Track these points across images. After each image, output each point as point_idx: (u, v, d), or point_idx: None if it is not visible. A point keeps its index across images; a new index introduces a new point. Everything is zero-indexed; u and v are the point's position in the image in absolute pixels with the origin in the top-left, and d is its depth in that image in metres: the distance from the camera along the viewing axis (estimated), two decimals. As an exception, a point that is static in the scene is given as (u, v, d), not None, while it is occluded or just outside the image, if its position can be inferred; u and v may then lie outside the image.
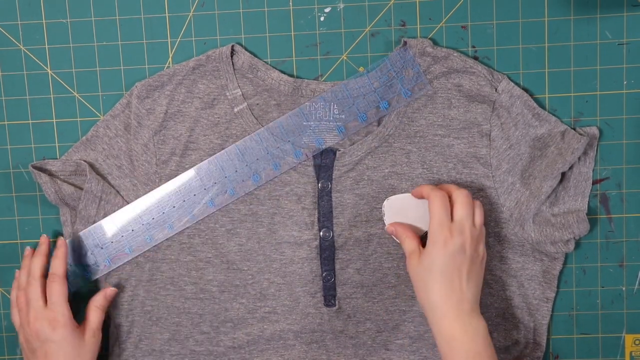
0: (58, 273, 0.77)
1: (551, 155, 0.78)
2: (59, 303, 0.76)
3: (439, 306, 0.72)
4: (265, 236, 0.81)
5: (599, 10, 0.79)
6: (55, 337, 0.75)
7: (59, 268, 0.78)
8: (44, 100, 0.82)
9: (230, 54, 0.80)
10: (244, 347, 0.82)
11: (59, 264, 0.78)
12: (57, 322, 0.75)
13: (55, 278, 0.77)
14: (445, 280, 0.72)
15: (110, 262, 0.81)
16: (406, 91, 0.79)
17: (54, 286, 0.77)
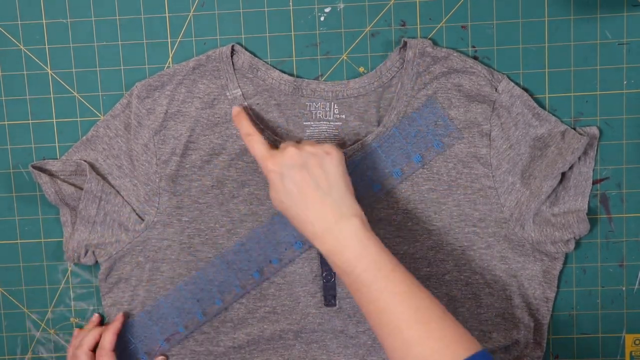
0: (106, 348, 0.79)
1: (551, 155, 0.78)
2: None
3: (305, 227, 0.70)
4: (265, 236, 0.81)
5: (599, 10, 0.79)
6: None
7: (107, 343, 0.79)
8: (44, 100, 0.82)
9: (230, 54, 0.80)
10: (244, 347, 0.82)
11: (109, 339, 0.79)
12: None
13: (103, 353, 0.78)
14: (296, 203, 0.70)
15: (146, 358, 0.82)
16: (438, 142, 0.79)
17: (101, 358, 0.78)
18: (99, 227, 0.81)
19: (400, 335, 0.65)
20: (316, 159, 0.71)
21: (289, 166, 0.70)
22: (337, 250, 0.68)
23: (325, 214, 0.69)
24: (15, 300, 0.86)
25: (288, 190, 0.70)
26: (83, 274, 0.85)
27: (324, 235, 0.69)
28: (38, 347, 0.86)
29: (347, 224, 0.69)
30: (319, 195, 0.70)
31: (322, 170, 0.71)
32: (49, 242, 0.85)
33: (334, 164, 0.71)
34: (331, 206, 0.69)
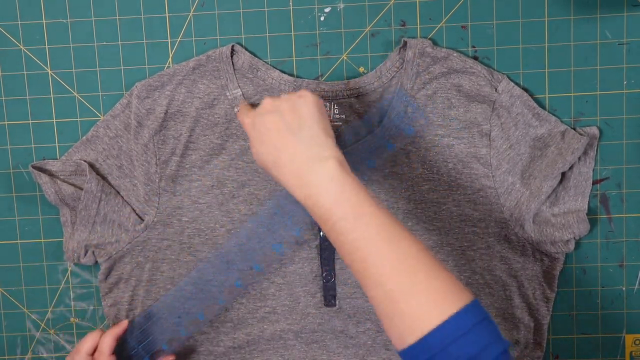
0: (104, 352, 0.77)
1: (551, 155, 0.78)
2: None
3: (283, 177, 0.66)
4: (265, 236, 0.81)
5: (599, 10, 0.79)
6: None
7: (105, 348, 0.78)
8: (44, 100, 0.82)
9: (230, 54, 0.80)
10: (244, 347, 0.82)
11: (107, 344, 0.78)
12: None
13: (101, 357, 0.77)
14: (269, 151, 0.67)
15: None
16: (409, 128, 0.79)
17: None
18: (99, 227, 0.81)
19: (384, 288, 0.60)
20: (288, 103, 0.68)
21: (262, 114, 0.68)
22: (312, 196, 0.64)
23: (298, 157, 0.65)
24: (15, 300, 0.86)
25: (261, 137, 0.67)
26: (83, 274, 0.85)
27: (298, 180, 0.65)
28: (38, 347, 0.86)
29: (322, 167, 0.64)
30: (291, 138, 0.66)
31: (294, 113, 0.67)
32: (49, 242, 0.85)
33: (307, 106, 0.67)
34: (304, 148, 0.65)
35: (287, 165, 0.66)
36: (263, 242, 0.81)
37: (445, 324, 0.58)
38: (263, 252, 0.80)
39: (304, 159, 0.65)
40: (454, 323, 0.58)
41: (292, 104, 0.68)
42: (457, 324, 0.58)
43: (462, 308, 0.59)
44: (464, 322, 0.58)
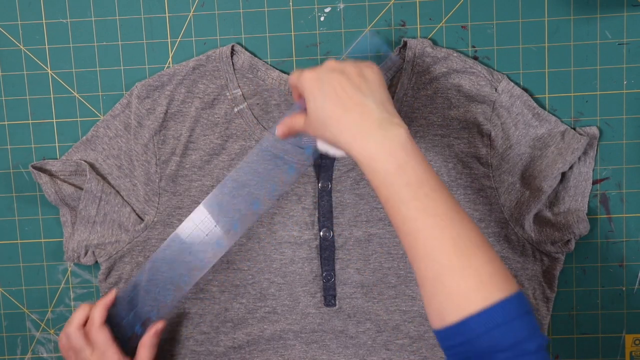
0: (95, 321, 0.76)
1: (551, 155, 0.78)
2: (106, 347, 0.75)
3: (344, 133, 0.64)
4: (265, 236, 0.81)
5: (599, 10, 0.79)
6: None
7: (97, 317, 0.77)
8: (44, 100, 0.82)
9: (230, 54, 0.80)
10: (244, 347, 0.82)
11: (98, 313, 0.77)
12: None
13: (93, 326, 0.76)
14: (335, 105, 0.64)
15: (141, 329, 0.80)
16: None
17: (93, 333, 0.76)
18: (99, 227, 0.81)
19: (434, 263, 0.59)
20: (354, 68, 0.66)
21: (328, 70, 0.66)
22: (378, 158, 0.62)
23: (367, 116, 0.63)
24: (15, 300, 0.86)
25: (326, 94, 0.64)
26: (83, 274, 0.85)
27: (364, 140, 0.62)
28: (38, 347, 0.86)
29: (393, 131, 0.62)
30: (360, 97, 0.64)
31: (361, 77, 0.65)
32: (49, 242, 0.85)
33: (374, 74, 0.66)
34: (374, 110, 0.64)
35: (354, 124, 0.63)
36: (263, 242, 0.81)
37: (490, 309, 0.58)
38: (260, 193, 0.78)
39: (374, 120, 0.63)
40: (498, 310, 0.58)
41: (359, 69, 0.66)
42: (501, 311, 0.58)
43: (508, 296, 0.58)
44: (508, 311, 0.58)
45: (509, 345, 0.57)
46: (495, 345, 0.57)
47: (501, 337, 0.57)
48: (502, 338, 0.57)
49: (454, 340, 0.59)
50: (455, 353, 0.59)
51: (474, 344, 0.58)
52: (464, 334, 0.58)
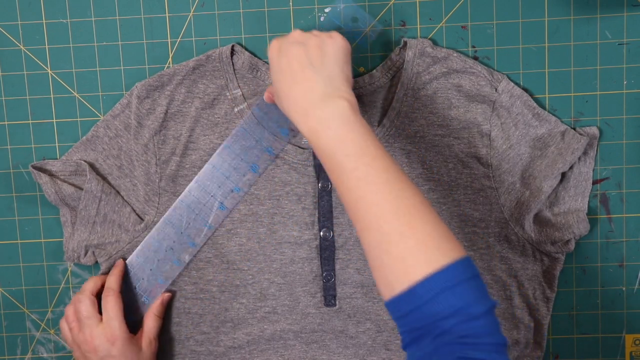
0: (113, 287, 0.78)
1: (551, 155, 0.78)
2: (116, 317, 0.76)
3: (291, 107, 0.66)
4: (265, 236, 0.81)
5: (599, 10, 0.79)
6: (114, 352, 0.75)
7: (113, 283, 0.78)
8: (44, 100, 0.82)
9: (230, 54, 0.80)
10: (244, 347, 0.82)
11: (114, 280, 0.78)
12: (116, 337, 0.75)
13: (110, 292, 0.77)
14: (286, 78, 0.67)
15: (148, 298, 0.81)
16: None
17: (109, 300, 0.77)
18: (99, 227, 0.81)
19: (377, 232, 0.60)
20: (317, 39, 0.68)
21: (289, 42, 0.69)
22: (318, 131, 0.64)
23: (311, 91, 0.65)
24: (15, 300, 0.86)
25: (282, 65, 0.68)
26: (83, 274, 0.85)
27: (307, 114, 0.65)
28: (38, 347, 0.86)
29: (333, 104, 0.64)
30: (310, 72, 0.66)
31: (320, 50, 0.68)
32: (49, 242, 0.85)
33: (334, 47, 0.68)
34: (320, 84, 0.66)
35: (299, 98, 0.66)
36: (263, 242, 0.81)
37: (434, 274, 0.58)
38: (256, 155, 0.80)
39: (317, 94, 0.65)
40: (442, 275, 0.58)
41: (320, 41, 0.68)
42: (445, 276, 0.58)
43: (453, 261, 0.58)
44: (452, 275, 0.58)
45: (455, 311, 0.57)
46: (440, 311, 0.57)
47: (446, 303, 0.57)
48: (447, 303, 0.57)
49: (402, 309, 0.59)
50: (405, 323, 0.59)
51: (422, 312, 0.57)
52: (411, 302, 0.58)
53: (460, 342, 0.56)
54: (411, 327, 0.59)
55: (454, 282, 0.57)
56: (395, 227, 0.59)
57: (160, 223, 0.80)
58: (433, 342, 0.57)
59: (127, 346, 0.76)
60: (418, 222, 0.59)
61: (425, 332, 0.58)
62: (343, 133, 0.63)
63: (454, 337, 0.57)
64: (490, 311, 0.58)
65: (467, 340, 0.56)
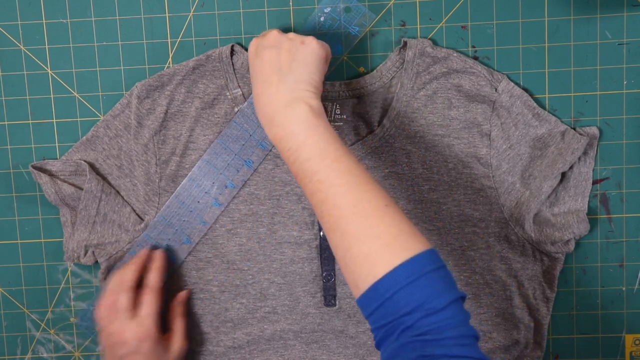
0: (154, 286, 0.77)
1: (551, 155, 0.78)
2: (150, 315, 0.75)
3: (260, 112, 0.68)
4: (265, 236, 0.81)
5: (599, 10, 0.79)
6: (143, 349, 0.74)
7: (155, 281, 0.77)
8: (44, 100, 0.82)
9: (230, 54, 0.80)
10: (244, 347, 0.82)
11: (155, 277, 0.77)
12: (148, 335, 0.74)
13: (151, 290, 0.76)
14: (257, 83, 0.69)
15: None
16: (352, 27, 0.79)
17: (148, 299, 0.76)
18: (99, 227, 0.81)
19: (342, 232, 0.60)
20: (289, 43, 0.69)
21: (264, 44, 0.70)
22: (282, 137, 0.66)
23: (276, 97, 0.67)
24: (15, 300, 0.86)
25: (255, 68, 0.69)
26: (83, 274, 0.85)
27: (272, 120, 0.66)
28: (38, 347, 0.86)
29: (294, 110, 0.66)
30: (277, 78, 0.67)
31: (290, 54, 0.68)
32: (49, 242, 0.85)
33: (305, 52, 0.69)
34: (284, 91, 0.67)
35: (266, 104, 0.68)
36: (263, 242, 0.81)
37: (395, 269, 0.58)
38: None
39: (281, 101, 0.67)
40: (402, 270, 0.57)
41: (292, 45, 0.69)
42: (407, 270, 0.57)
43: (414, 255, 0.58)
44: (415, 269, 0.58)
45: (417, 306, 0.56)
46: (402, 307, 0.57)
47: (408, 298, 0.57)
48: (408, 298, 0.57)
49: (369, 307, 0.58)
50: (373, 321, 0.59)
51: (385, 308, 0.57)
52: (375, 299, 0.58)
53: (422, 338, 0.56)
54: (378, 325, 0.58)
55: (416, 276, 0.57)
56: (358, 228, 0.60)
57: (155, 220, 0.80)
58: (397, 339, 0.57)
59: (156, 346, 0.75)
60: (381, 222, 0.60)
61: (390, 329, 0.57)
62: (304, 138, 0.64)
63: (416, 334, 0.56)
64: (455, 303, 0.57)
65: (428, 337, 0.56)
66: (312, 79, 0.68)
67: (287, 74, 0.68)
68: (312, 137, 0.64)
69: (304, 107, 0.66)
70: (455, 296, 0.58)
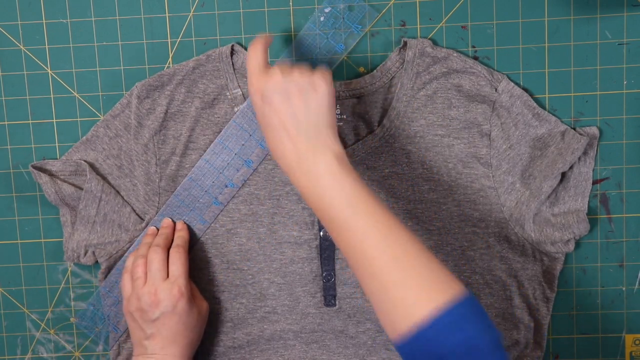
0: (183, 245, 0.78)
1: (551, 155, 0.78)
2: (182, 275, 0.76)
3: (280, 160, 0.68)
4: (265, 236, 0.81)
5: (599, 10, 0.79)
6: (177, 309, 0.74)
7: (183, 240, 0.78)
8: (44, 100, 0.82)
9: (230, 54, 0.80)
10: (244, 347, 0.82)
11: (183, 237, 0.78)
12: (181, 294, 0.75)
13: (180, 250, 0.77)
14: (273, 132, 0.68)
15: None
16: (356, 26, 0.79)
17: (178, 257, 0.76)
18: (98, 227, 0.81)
19: (378, 279, 0.62)
20: (299, 87, 0.67)
21: (271, 90, 0.68)
22: (310, 187, 0.65)
23: (299, 148, 0.66)
24: (15, 300, 0.86)
25: (266, 115, 0.68)
26: (83, 274, 0.85)
27: (297, 171, 0.66)
28: (38, 347, 0.86)
29: (321, 159, 0.65)
30: (294, 126, 0.67)
31: (304, 103, 0.67)
32: (49, 242, 0.85)
33: (317, 98, 0.68)
34: (305, 140, 0.66)
35: (287, 153, 0.67)
36: (263, 242, 0.81)
37: (436, 312, 0.59)
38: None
39: (304, 150, 0.66)
40: (444, 312, 0.59)
41: (303, 90, 0.67)
42: (447, 313, 0.59)
43: (452, 298, 0.59)
44: (455, 312, 0.59)
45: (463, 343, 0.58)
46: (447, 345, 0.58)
47: (453, 337, 0.58)
48: (453, 338, 0.58)
49: (408, 348, 0.60)
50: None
51: (427, 350, 0.59)
52: (416, 341, 0.59)
53: None
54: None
55: (456, 318, 0.59)
56: (394, 273, 0.61)
57: (155, 219, 0.80)
58: None
59: (189, 306, 0.75)
60: (416, 266, 0.61)
61: None
62: (332, 187, 0.64)
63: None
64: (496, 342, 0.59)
65: None
66: (329, 121, 0.68)
67: (305, 122, 0.67)
68: (340, 186, 0.64)
69: (329, 154, 0.66)
70: (495, 336, 0.59)
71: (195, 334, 0.77)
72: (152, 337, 0.75)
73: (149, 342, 0.75)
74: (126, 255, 0.81)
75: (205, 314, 0.78)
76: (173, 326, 0.74)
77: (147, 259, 0.77)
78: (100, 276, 0.82)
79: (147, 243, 0.79)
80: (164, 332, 0.74)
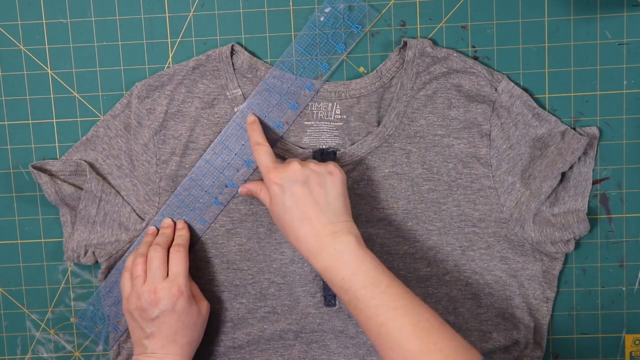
0: (183, 244, 0.78)
1: (551, 155, 0.78)
2: (182, 274, 0.76)
3: (301, 245, 0.72)
4: (265, 236, 0.81)
5: (599, 10, 0.79)
6: (176, 308, 0.75)
7: (184, 240, 0.79)
8: (44, 100, 0.82)
9: (230, 54, 0.80)
10: (244, 347, 0.82)
11: (184, 236, 0.79)
12: (181, 293, 0.75)
13: (180, 249, 0.78)
14: (294, 218, 0.72)
15: None
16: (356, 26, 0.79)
17: (178, 256, 0.77)
18: (98, 227, 0.81)
19: (401, 350, 0.66)
20: (318, 177, 0.72)
21: (291, 180, 0.72)
22: (333, 268, 0.70)
23: (320, 232, 0.71)
24: (15, 300, 0.86)
25: (287, 204, 0.72)
26: (83, 274, 0.85)
27: (319, 253, 0.70)
28: (38, 347, 0.86)
29: (342, 241, 0.70)
30: (317, 213, 0.71)
31: (323, 188, 0.72)
32: (49, 242, 0.85)
33: (335, 184, 0.73)
34: (327, 224, 0.71)
35: (309, 238, 0.71)
36: (263, 242, 0.81)
37: None
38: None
39: (326, 233, 0.71)
40: None
41: (321, 180, 0.72)
42: None
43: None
44: None
45: None
46: None
47: None
48: None
49: None
50: None
51: None
52: None
53: None
54: None
55: None
56: (418, 345, 0.65)
57: (155, 219, 0.81)
58: None
59: (188, 304, 0.76)
60: (437, 337, 0.66)
61: None
62: (355, 267, 0.69)
63: None
64: None
65: None
66: (345, 204, 0.73)
67: (325, 208, 0.71)
68: (363, 266, 0.69)
69: (351, 238, 0.70)
70: None
71: (195, 333, 0.77)
72: (151, 336, 0.75)
73: (149, 341, 0.75)
74: (126, 255, 0.81)
75: (205, 313, 0.78)
76: (173, 325, 0.75)
77: (147, 257, 0.77)
78: (100, 276, 0.82)
79: (147, 242, 0.79)
80: (164, 331, 0.75)
